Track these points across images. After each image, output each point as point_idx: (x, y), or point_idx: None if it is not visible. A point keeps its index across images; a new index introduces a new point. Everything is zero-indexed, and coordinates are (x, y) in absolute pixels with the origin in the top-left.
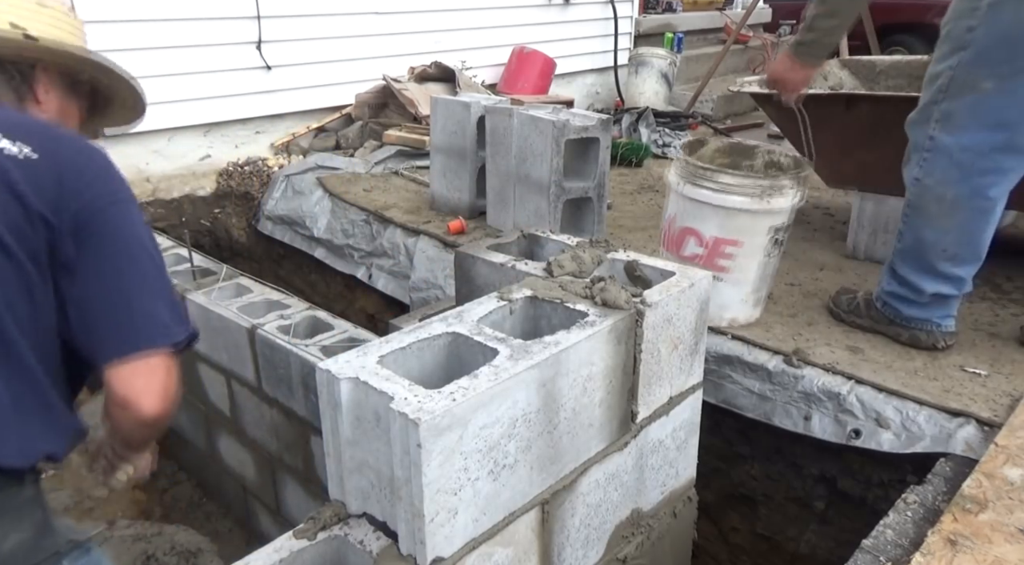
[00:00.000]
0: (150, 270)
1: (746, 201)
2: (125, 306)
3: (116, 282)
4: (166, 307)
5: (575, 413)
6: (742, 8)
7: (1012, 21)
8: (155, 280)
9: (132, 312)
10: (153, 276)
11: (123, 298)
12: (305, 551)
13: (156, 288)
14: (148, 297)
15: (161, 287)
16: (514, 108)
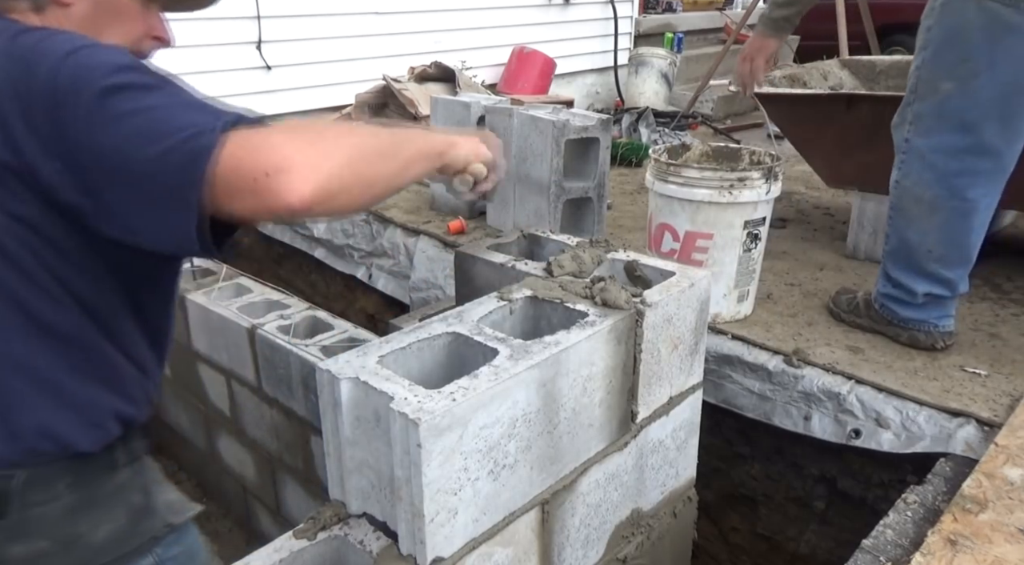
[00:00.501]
0: (141, 123)
1: (712, 194)
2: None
3: (122, 163)
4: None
5: (575, 413)
6: (742, 8)
7: (960, 20)
8: (153, 122)
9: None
10: (148, 122)
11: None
12: (305, 551)
13: (161, 129)
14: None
15: (164, 121)
16: (514, 108)
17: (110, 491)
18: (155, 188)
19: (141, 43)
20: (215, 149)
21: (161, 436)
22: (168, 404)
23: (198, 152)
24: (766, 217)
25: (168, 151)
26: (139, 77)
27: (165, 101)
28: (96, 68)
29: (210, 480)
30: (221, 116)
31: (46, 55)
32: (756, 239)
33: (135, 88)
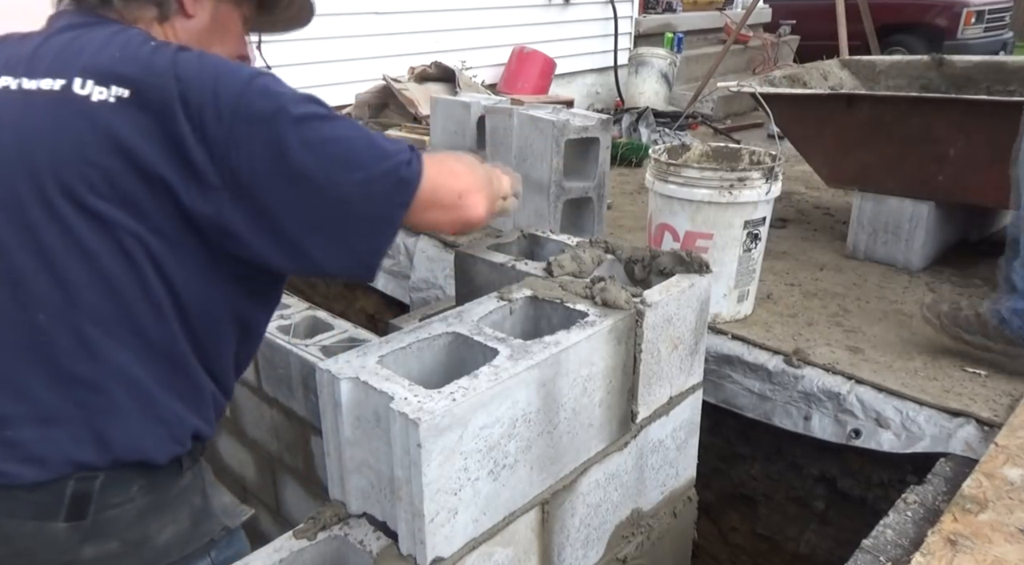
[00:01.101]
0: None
1: (712, 194)
2: (337, 234)
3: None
4: (375, 166)
5: (575, 413)
6: (742, 8)
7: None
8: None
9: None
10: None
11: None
12: (305, 551)
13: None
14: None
15: (361, 165)
16: (514, 108)
17: (176, 494)
18: (353, 213)
19: (232, 60)
20: (420, 176)
21: None
22: None
23: (408, 179)
24: (766, 217)
25: (375, 178)
26: (323, 108)
27: (355, 132)
28: (284, 95)
29: None
30: (408, 146)
31: (226, 77)
32: (756, 239)
33: (324, 118)
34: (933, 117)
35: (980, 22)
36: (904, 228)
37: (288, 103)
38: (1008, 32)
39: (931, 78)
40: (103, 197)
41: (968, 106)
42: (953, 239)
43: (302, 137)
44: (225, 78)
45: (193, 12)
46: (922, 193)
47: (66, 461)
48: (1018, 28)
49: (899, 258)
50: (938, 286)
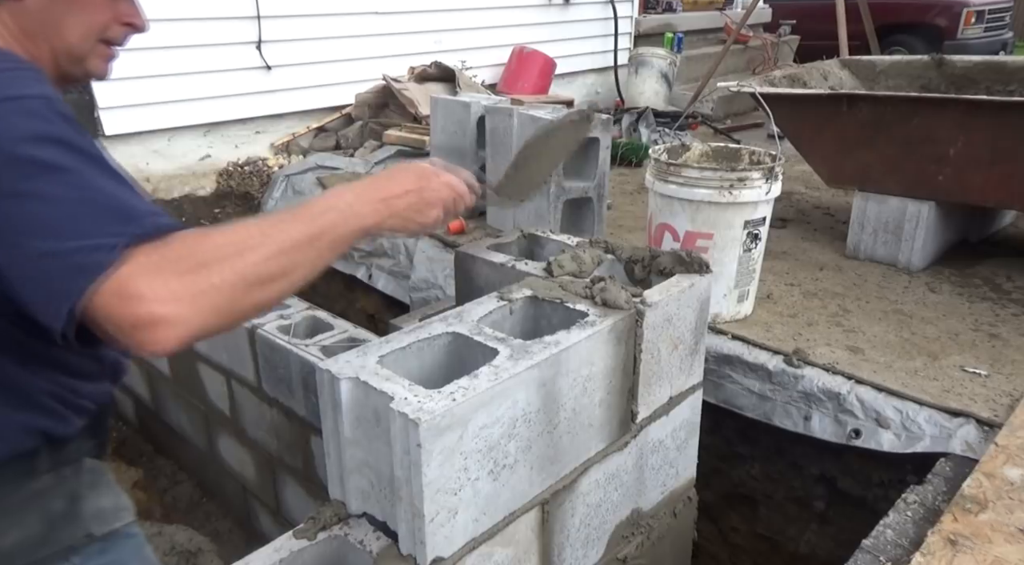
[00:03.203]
0: (40, 210)
1: (712, 194)
2: (31, 265)
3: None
4: (81, 231)
5: (575, 413)
6: (742, 8)
7: None
8: (52, 217)
9: (39, 267)
10: (47, 214)
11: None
12: (305, 551)
13: (56, 225)
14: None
15: (62, 220)
16: (514, 108)
17: (24, 497)
18: (34, 279)
19: (109, 31)
20: (103, 274)
21: (161, 436)
22: (168, 404)
23: (87, 269)
24: (766, 217)
25: (56, 253)
26: (58, 154)
27: (73, 194)
28: (13, 131)
29: (210, 480)
30: (124, 230)
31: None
32: (756, 239)
33: (48, 167)
34: (933, 117)
35: (980, 22)
36: (904, 228)
37: (15, 141)
38: (1008, 32)
39: (931, 78)
40: None
41: (968, 106)
42: (953, 239)
43: (4, 185)
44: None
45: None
46: (922, 193)
47: None
48: (1018, 28)
49: (899, 258)
50: (938, 286)
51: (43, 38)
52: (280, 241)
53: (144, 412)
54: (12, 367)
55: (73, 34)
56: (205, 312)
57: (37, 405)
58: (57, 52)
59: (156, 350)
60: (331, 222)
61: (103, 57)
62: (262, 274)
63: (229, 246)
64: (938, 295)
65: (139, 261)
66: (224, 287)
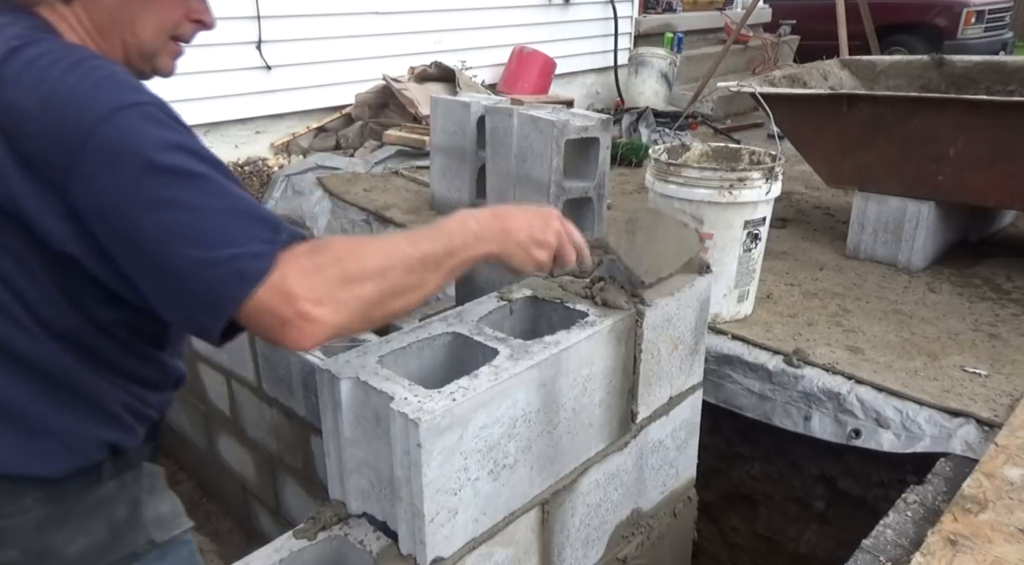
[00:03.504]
0: (174, 227)
1: (712, 194)
2: (173, 290)
3: (144, 265)
4: (229, 249)
5: (575, 413)
6: (742, 8)
7: None
8: (190, 230)
9: (184, 292)
10: (185, 228)
11: (165, 281)
12: (305, 551)
13: (199, 237)
14: (190, 260)
15: (205, 229)
16: (514, 108)
17: (90, 505)
18: (185, 288)
19: (180, 27)
20: (265, 278)
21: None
22: None
23: (249, 275)
24: (766, 217)
25: (213, 262)
26: (195, 162)
27: (216, 202)
28: (149, 138)
29: (210, 480)
30: (276, 237)
31: (82, 102)
32: (756, 239)
33: (188, 175)
34: (933, 117)
35: (980, 22)
36: (904, 228)
37: (151, 150)
38: (1008, 32)
39: (931, 78)
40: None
41: (968, 106)
42: (953, 239)
43: (147, 193)
44: (84, 102)
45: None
46: (922, 193)
47: None
48: (1018, 28)
49: (899, 258)
50: (938, 286)
51: (117, 34)
52: (419, 256)
53: None
54: (90, 377)
55: (147, 30)
56: (348, 315)
57: (111, 416)
58: (129, 48)
59: (300, 346)
60: (462, 243)
61: (172, 54)
62: (400, 286)
63: (377, 257)
64: (938, 295)
65: (295, 264)
66: (366, 295)
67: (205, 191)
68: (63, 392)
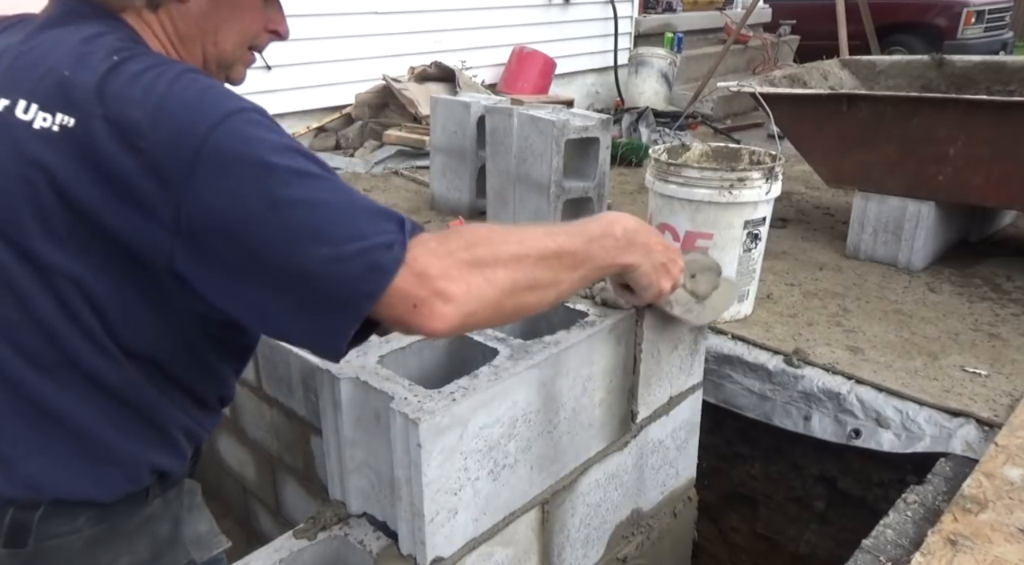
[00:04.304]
0: (298, 230)
1: (712, 194)
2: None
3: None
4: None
5: (575, 413)
6: (742, 8)
7: None
8: (316, 229)
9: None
10: (310, 229)
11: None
12: (305, 551)
13: (324, 234)
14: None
15: (328, 227)
16: (514, 108)
17: (137, 523)
18: (315, 290)
19: (258, 37)
20: (401, 266)
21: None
22: None
23: (385, 266)
24: (766, 217)
25: (344, 258)
26: (307, 163)
27: (336, 196)
28: (262, 142)
29: (210, 480)
30: (402, 227)
31: (193, 110)
32: (756, 239)
33: (304, 175)
34: (933, 117)
35: (980, 22)
36: (904, 228)
37: (264, 152)
38: (1008, 32)
39: (931, 78)
40: (36, 236)
41: (968, 106)
42: (953, 239)
43: (269, 194)
44: (195, 111)
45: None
46: (922, 193)
47: None
48: (1018, 28)
49: (899, 258)
50: (938, 286)
51: (198, 43)
52: (555, 249)
53: None
54: (158, 401)
55: (229, 40)
56: (480, 301)
57: (169, 440)
58: (209, 58)
59: (434, 328)
60: (601, 248)
61: (246, 63)
62: (534, 279)
63: (511, 244)
64: (938, 295)
65: (426, 247)
66: (499, 281)
67: (323, 188)
68: (130, 414)
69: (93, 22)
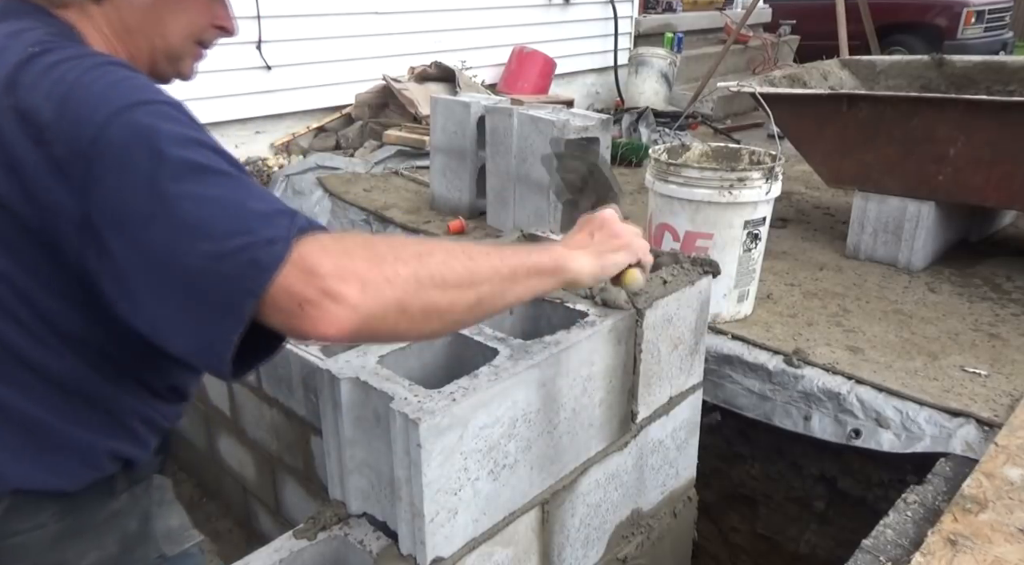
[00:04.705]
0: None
1: (712, 194)
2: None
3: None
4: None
5: (575, 413)
6: (742, 8)
7: None
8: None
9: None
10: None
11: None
12: (305, 551)
13: (209, 231)
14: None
15: (214, 225)
16: (514, 108)
17: (103, 518)
18: (196, 289)
19: (205, 33)
20: (284, 262)
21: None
22: None
23: (267, 262)
24: (766, 217)
25: (227, 253)
26: (210, 158)
27: (231, 194)
28: (160, 132)
29: (210, 480)
30: (294, 222)
31: (97, 101)
32: (756, 239)
33: (200, 169)
34: (933, 117)
35: (980, 22)
36: (904, 228)
37: (162, 143)
38: (1008, 32)
39: (931, 78)
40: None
41: (968, 106)
42: (953, 239)
43: (157, 187)
44: (98, 102)
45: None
46: (922, 193)
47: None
48: (1018, 28)
49: (899, 258)
50: (938, 286)
51: (145, 36)
52: (462, 248)
53: None
54: (107, 388)
55: (175, 34)
56: (383, 299)
57: (125, 428)
58: (156, 51)
59: (331, 330)
60: (522, 250)
61: (194, 58)
62: (447, 276)
63: (412, 245)
64: (938, 295)
65: (317, 243)
66: (408, 279)
67: (218, 184)
68: (79, 403)
69: (25, 19)
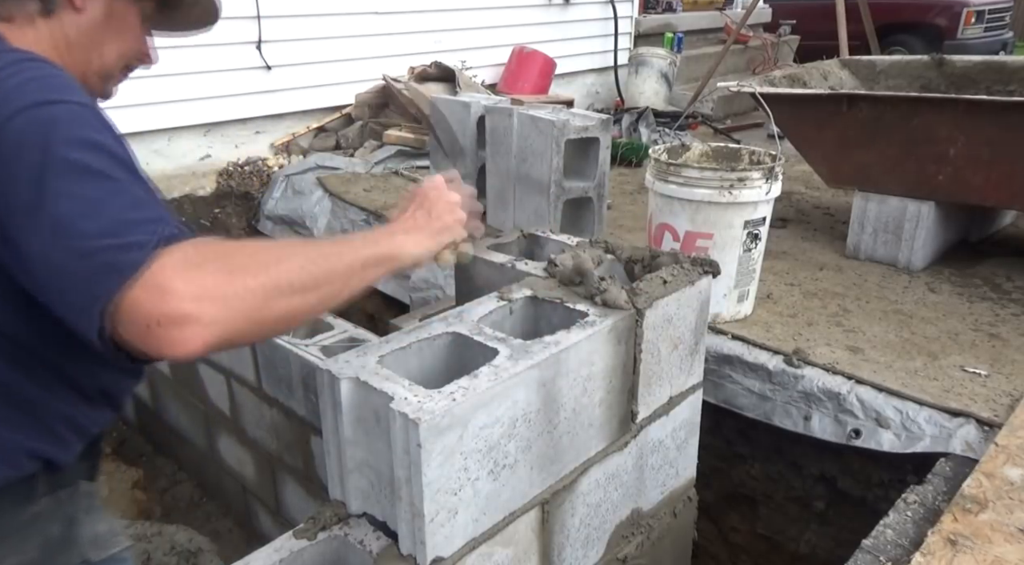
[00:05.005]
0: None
1: (712, 194)
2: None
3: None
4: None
5: (575, 413)
6: (742, 8)
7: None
8: (77, 220)
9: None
10: (72, 216)
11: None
12: (305, 551)
13: (81, 229)
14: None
15: (88, 223)
16: (514, 108)
17: (23, 522)
18: (64, 286)
19: (133, 59)
20: (135, 273)
21: (161, 436)
22: (168, 404)
23: (122, 265)
24: (766, 217)
25: (89, 252)
26: (99, 159)
27: (110, 198)
28: (57, 131)
29: (210, 480)
30: (159, 230)
31: (6, 97)
32: (756, 239)
33: (87, 171)
34: (933, 117)
35: (980, 22)
36: (904, 228)
37: (55, 142)
38: (1008, 32)
39: (931, 78)
40: None
41: (968, 106)
42: (953, 239)
43: (40, 183)
44: (8, 98)
45: (83, 6)
46: (922, 193)
47: None
48: (1018, 28)
49: (899, 258)
50: (938, 286)
51: (84, 53)
52: (312, 254)
53: (144, 412)
54: (28, 386)
55: (111, 55)
56: (235, 314)
57: (46, 428)
58: (92, 68)
59: (181, 351)
60: (358, 243)
61: (119, 80)
62: (295, 282)
63: (263, 252)
64: (938, 295)
65: (172, 257)
66: (257, 291)
67: (102, 187)
68: (2, 404)
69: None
